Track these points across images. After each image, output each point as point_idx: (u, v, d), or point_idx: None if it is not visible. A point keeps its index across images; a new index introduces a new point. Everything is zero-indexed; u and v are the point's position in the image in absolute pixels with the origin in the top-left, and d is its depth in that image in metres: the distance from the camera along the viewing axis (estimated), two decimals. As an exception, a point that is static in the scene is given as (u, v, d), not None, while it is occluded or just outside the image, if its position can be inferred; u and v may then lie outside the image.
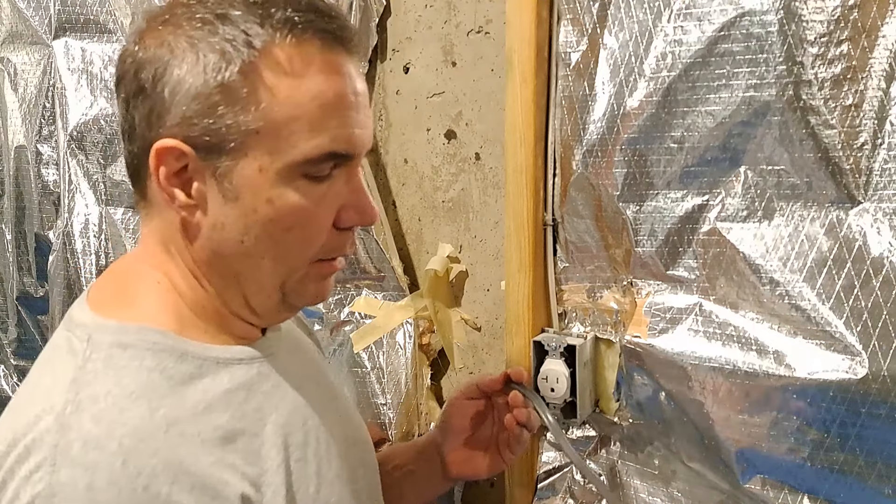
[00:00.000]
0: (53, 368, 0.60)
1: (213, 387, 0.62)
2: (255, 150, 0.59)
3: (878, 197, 0.84)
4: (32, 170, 1.66)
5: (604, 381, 1.08)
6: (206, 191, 0.61)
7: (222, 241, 0.62)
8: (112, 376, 0.58)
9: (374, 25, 1.25)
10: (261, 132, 0.59)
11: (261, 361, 0.67)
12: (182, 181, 0.61)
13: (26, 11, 1.59)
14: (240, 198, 0.60)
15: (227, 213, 0.61)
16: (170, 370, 0.60)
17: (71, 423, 0.54)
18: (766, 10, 0.87)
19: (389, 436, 1.27)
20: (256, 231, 0.61)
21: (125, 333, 0.60)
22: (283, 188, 0.60)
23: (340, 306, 1.33)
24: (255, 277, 0.64)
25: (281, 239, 0.62)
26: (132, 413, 0.56)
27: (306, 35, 0.59)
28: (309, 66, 0.59)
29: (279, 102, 0.59)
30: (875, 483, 0.85)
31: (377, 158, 1.31)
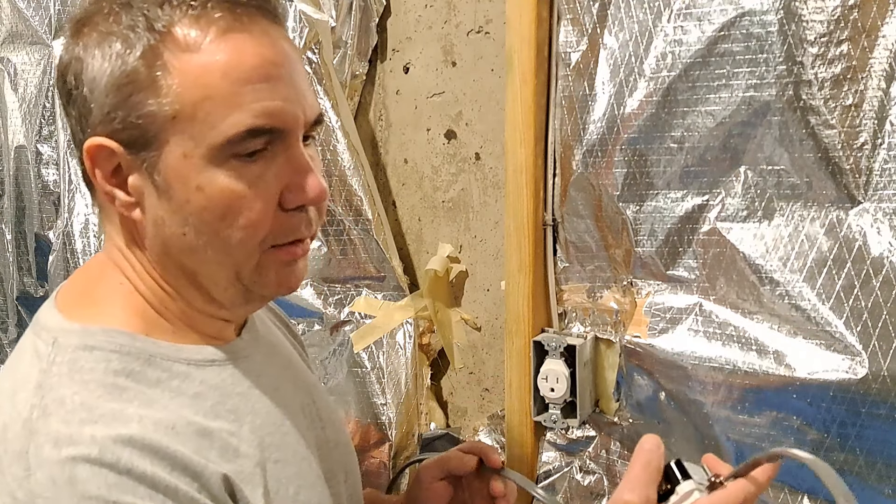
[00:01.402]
0: (16, 373, 0.58)
1: (184, 389, 0.60)
2: (175, 137, 0.57)
3: (878, 197, 0.84)
4: (32, 170, 1.66)
5: (604, 381, 1.08)
6: (141, 186, 0.59)
7: (166, 238, 0.60)
8: (77, 380, 0.56)
9: (374, 25, 1.25)
10: (177, 117, 0.56)
11: (234, 363, 0.65)
12: (119, 180, 0.59)
13: (26, 11, 1.59)
14: (171, 189, 0.58)
15: (163, 208, 0.59)
16: (137, 374, 0.58)
17: (38, 427, 0.53)
18: (766, 10, 0.87)
19: (390, 436, 1.27)
20: (194, 222, 0.58)
21: (90, 336, 0.58)
22: (211, 173, 0.57)
23: (340, 306, 1.33)
24: (206, 272, 0.61)
25: (218, 227, 0.58)
26: (102, 410, 0.54)
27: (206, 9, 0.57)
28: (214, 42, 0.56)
29: (188, 83, 0.56)
30: (875, 483, 0.85)
31: (377, 158, 1.31)
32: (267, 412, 0.65)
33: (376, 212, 1.26)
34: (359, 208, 1.25)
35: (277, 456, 0.63)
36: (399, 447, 1.28)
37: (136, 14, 0.56)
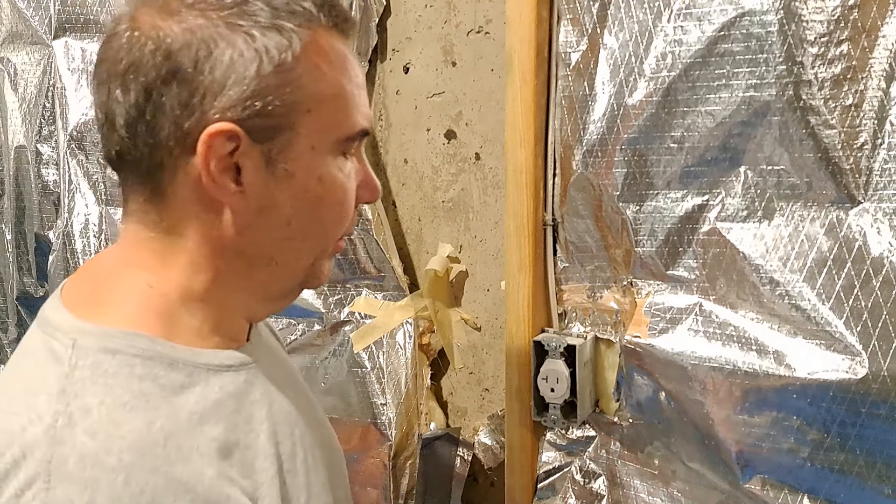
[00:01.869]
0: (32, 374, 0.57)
1: (205, 396, 0.59)
2: (307, 128, 0.60)
3: (878, 197, 0.84)
4: (32, 170, 1.66)
5: (604, 381, 1.08)
6: (254, 175, 0.59)
7: (269, 226, 0.61)
8: (102, 385, 0.55)
9: (374, 25, 1.25)
10: (312, 110, 0.60)
11: (247, 368, 0.64)
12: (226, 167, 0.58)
13: (26, 11, 1.59)
14: (293, 178, 0.60)
15: (276, 196, 0.60)
16: (161, 379, 0.57)
17: (63, 436, 0.51)
18: (766, 10, 0.87)
19: (389, 436, 1.27)
20: (305, 210, 0.62)
21: (110, 338, 0.57)
22: (329, 166, 0.62)
23: (340, 306, 1.33)
24: (290, 260, 0.64)
25: (325, 216, 0.64)
26: (129, 426, 0.53)
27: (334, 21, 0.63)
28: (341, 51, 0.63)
29: (327, 83, 0.61)
30: (875, 483, 0.85)
31: (377, 158, 1.31)
32: (278, 420, 0.64)
33: (376, 212, 1.26)
34: (359, 208, 1.25)
35: (289, 465, 0.63)
36: (399, 447, 1.28)
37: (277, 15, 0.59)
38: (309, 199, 0.62)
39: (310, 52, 0.60)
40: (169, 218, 0.61)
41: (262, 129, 0.58)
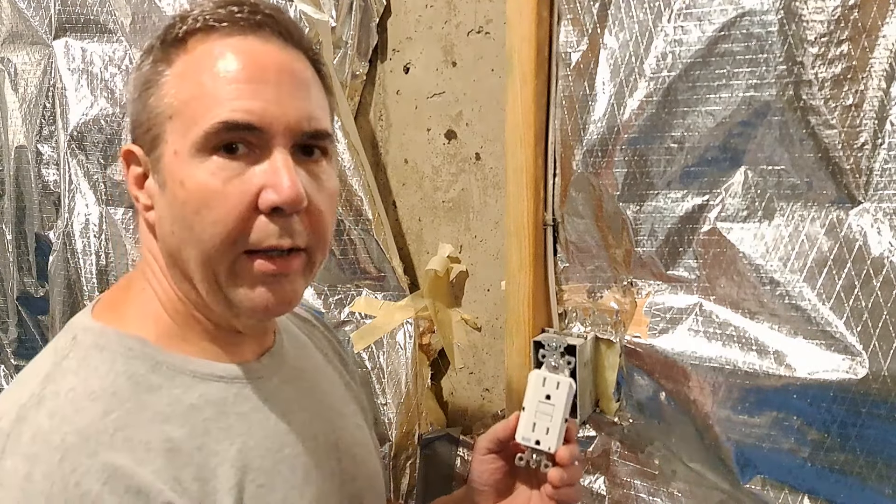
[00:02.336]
0: (37, 362, 0.62)
1: (179, 400, 0.61)
2: (171, 135, 0.61)
3: (879, 197, 0.84)
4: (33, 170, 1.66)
5: (604, 381, 1.08)
6: (153, 188, 0.63)
7: (164, 236, 0.63)
8: (81, 375, 0.59)
9: (375, 25, 1.25)
10: (174, 116, 0.61)
11: (244, 383, 0.65)
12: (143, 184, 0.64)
13: (26, 11, 1.59)
14: (165, 186, 0.61)
15: (162, 206, 0.62)
16: (138, 377, 0.60)
17: (28, 415, 0.56)
18: (767, 10, 0.87)
19: (389, 436, 1.27)
20: (178, 218, 0.60)
21: (105, 336, 0.62)
22: (193, 168, 0.59)
23: (340, 306, 1.33)
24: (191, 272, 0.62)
25: (193, 221, 0.59)
26: (85, 413, 0.57)
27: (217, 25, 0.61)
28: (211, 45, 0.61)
29: (186, 86, 0.60)
30: (875, 483, 0.85)
31: (377, 158, 1.31)
32: (264, 436, 0.65)
33: (376, 212, 1.26)
34: (359, 208, 1.25)
35: (262, 480, 0.63)
36: (399, 447, 1.28)
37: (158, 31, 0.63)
38: (177, 205, 0.60)
39: (174, 59, 0.62)
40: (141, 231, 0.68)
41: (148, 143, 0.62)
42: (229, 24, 0.61)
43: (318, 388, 0.75)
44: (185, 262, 0.61)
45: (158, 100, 0.61)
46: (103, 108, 1.50)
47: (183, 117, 0.60)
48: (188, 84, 0.60)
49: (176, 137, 0.60)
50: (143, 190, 0.64)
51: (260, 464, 0.63)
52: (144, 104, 0.62)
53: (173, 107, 0.60)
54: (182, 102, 0.60)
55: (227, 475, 0.61)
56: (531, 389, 0.79)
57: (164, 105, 0.61)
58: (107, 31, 1.50)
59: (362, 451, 0.77)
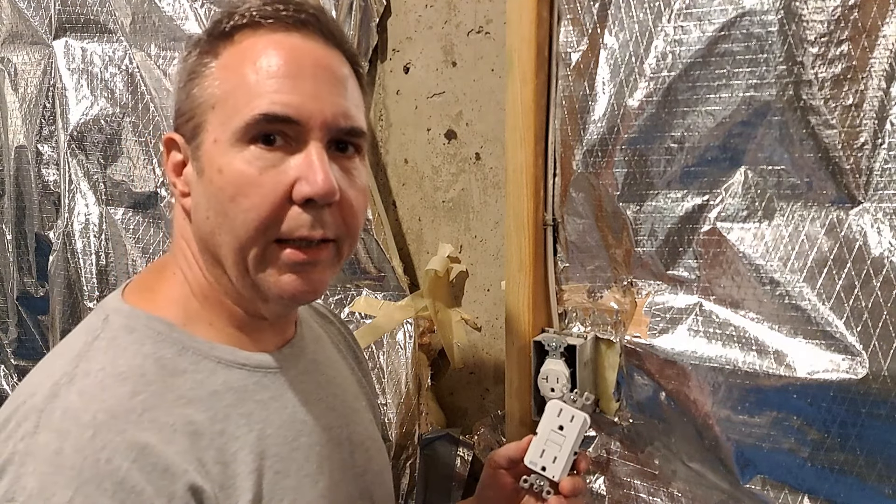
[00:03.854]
0: (69, 342, 0.64)
1: (203, 384, 0.63)
2: (211, 124, 0.63)
3: (879, 197, 0.84)
4: (33, 170, 1.66)
5: (604, 381, 1.08)
6: (191, 175, 0.65)
7: (199, 222, 0.65)
8: (111, 355, 0.61)
9: (375, 25, 1.25)
10: (216, 106, 0.63)
11: (264, 372, 0.68)
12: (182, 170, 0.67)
13: (26, 11, 1.59)
14: (203, 173, 0.64)
15: (199, 192, 0.65)
16: (165, 360, 0.62)
17: (60, 392, 0.58)
18: (767, 10, 0.87)
19: (389, 436, 1.27)
20: (213, 203, 0.63)
21: (135, 318, 0.64)
22: (231, 156, 0.62)
23: (340, 306, 1.33)
24: (222, 257, 0.64)
25: (228, 208, 0.62)
26: (113, 392, 0.59)
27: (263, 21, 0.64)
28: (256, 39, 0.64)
29: (228, 74, 0.63)
30: (875, 483, 0.85)
31: (377, 158, 1.31)
32: (281, 424, 0.67)
33: (376, 212, 1.26)
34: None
35: (279, 467, 0.65)
36: (399, 447, 1.28)
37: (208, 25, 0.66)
38: (213, 191, 0.63)
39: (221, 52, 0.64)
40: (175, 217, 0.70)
41: (189, 131, 0.65)
42: (274, 20, 0.64)
43: (333, 382, 0.77)
44: (217, 246, 0.64)
45: (202, 90, 0.64)
46: (103, 108, 1.50)
47: (225, 107, 0.62)
48: (232, 75, 0.63)
49: (216, 126, 0.63)
50: (181, 177, 0.66)
51: (277, 451, 0.66)
52: (188, 94, 0.65)
53: (216, 96, 0.63)
54: (225, 93, 0.63)
55: (247, 460, 0.63)
56: (546, 417, 0.81)
57: (207, 95, 0.63)
58: (107, 31, 1.50)
59: (373, 445, 0.79)
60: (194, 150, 0.65)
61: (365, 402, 0.83)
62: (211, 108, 0.63)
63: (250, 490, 0.62)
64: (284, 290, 0.64)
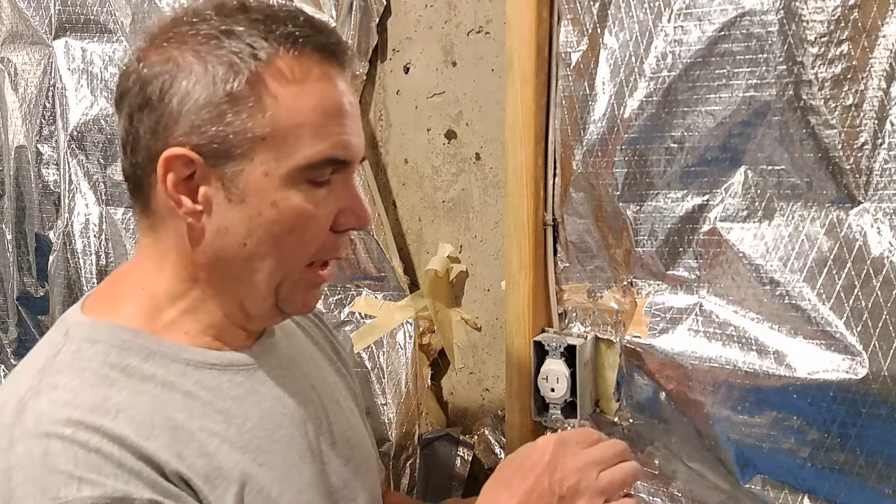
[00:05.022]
0: (30, 359, 0.64)
1: (176, 386, 0.63)
2: (261, 156, 0.62)
3: (879, 197, 0.84)
4: (33, 170, 1.66)
5: (604, 381, 1.08)
6: (211, 196, 0.63)
7: (225, 245, 0.64)
8: (76, 369, 0.61)
9: (374, 25, 1.25)
10: (267, 138, 0.62)
11: (235, 370, 0.68)
12: (189, 188, 0.63)
13: (26, 11, 1.59)
14: (245, 201, 0.63)
15: (231, 217, 0.64)
16: (132, 368, 0.62)
17: (27, 406, 0.58)
18: (767, 10, 0.87)
19: (389, 436, 1.27)
20: (260, 233, 0.64)
21: (97, 329, 0.64)
22: (286, 191, 0.63)
23: (340, 306, 1.33)
24: (252, 280, 0.66)
25: (282, 240, 0.64)
26: (85, 398, 0.59)
27: (306, 49, 0.63)
28: (309, 77, 0.63)
29: (284, 110, 0.62)
30: (875, 483, 0.85)
31: (377, 158, 1.31)
32: (260, 417, 0.67)
33: (376, 212, 1.26)
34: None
35: (263, 459, 0.66)
36: (399, 447, 1.28)
37: (240, 42, 0.62)
38: (262, 224, 0.63)
39: (267, 81, 0.62)
40: (155, 228, 0.67)
41: (217, 154, 0.62)
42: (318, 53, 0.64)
43: (309, 374, 0.77)
44: (251, 271, 0.65)
45: (250, 119, 0.61)
46: (103, 108, 1.50)
47: (281, 142, 0.62)
48: (290, 112, 0.62)
49: (268, 159, 0.62)
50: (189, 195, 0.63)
51: (259, 444, 0.66)
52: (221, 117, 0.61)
53: (268, 130, 0.62)
54: (281, 127, 0.62)
55: (229, 454, 0.63)
56: None
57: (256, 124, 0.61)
58: (107, 31, 1.50)
59: (355, 435, 0.79)
60: (227, 175, 0.62)
61: (346, 391, 0.83)
62: (261, 140, 0.62)
63: (236, 482, 0.63)
64: (308, 305, 0.70)
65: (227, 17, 0.63)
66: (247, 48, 0.62)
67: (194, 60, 0.62)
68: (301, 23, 0.64)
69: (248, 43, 0.62)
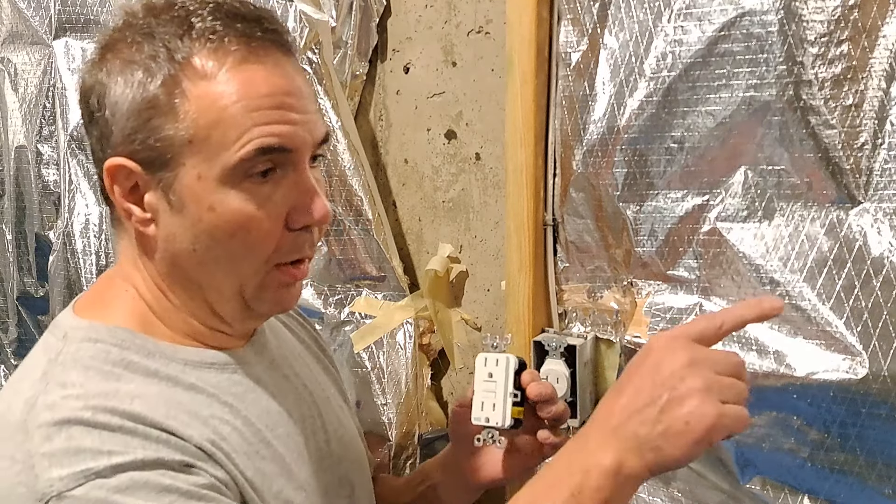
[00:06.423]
0: (28, 364, 0.64)
1: (181, 380, 0.63)
2: (191, 159, 0.61)
3: (879, 197, 0.84)
4: (33, 170, 1.66)
5: (604, 381, 1.08)
6: (156, 204, 0.63)
7: (176, 252, 0.64)
8: (81, 367, 0.60)
9: (374, 25, 1.25)
10: (193, 140, 0.60)
11: (233, 369, 0.68)
12: (136, 197, 0.63)
13: (26, 11, 1.59)
14: (185, 207, 0.62)
15: (176, 224, 0.62)
16: (135, 364, 0.62)
17: (37, 401, 0.57)
18: (766, 10, 0.87)
19: (389, 436, 1.27)
20: (204, 239, 0.62)
21: (95, 331, 0.63)
22: (224, 194, 0.61)
23: (340, 306, 1.33)
24: (212, 285, 0.65)
25: (228, 245, 0.62)
26: (97, 389, 0.59)
27: (225, 41, 0.61)
28: (229, 71, 0.60)
29: (204, 109, 0.60)
30: (875, 483, 0.85)
31: (377, 158, 1.31)
32: (259, 414, 0.67)
33: (376, 212, 1.26)
34: (359, 208, 1.25)
35: (265, 453, 0.66)
36: (399, 447, 1.28)
37: (157, 45, 0.60)
38: (204, 230, 0.62)
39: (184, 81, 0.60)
40: (122, 236, 0.68)
41: (151, 162, 0.61)
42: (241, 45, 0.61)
43: (301, 373, 0.78)
44: (206, 275, 0.64)
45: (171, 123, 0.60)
46: (103, 108, 1.50)
47: (207, 142, 0.60)
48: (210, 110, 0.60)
49: (198, 162, 0.60)
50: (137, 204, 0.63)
51: (261, 437, 0.66)
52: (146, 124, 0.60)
53: (192, 132, 0.60)
54: (204, 128, 0.60)
55: (238, 441, 0.64)
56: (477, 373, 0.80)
57: (179, 128, 0.60)
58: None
59: (347, 433, 0.79)
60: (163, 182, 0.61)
61: (334, 389, 0.83)
62: (187, 143, 0.60)
63: (248, 468, 0.63)
64: (282, 304, 0.68)
65: (153, 18, 0.61)
66: (163, 50, 0.60)
67: (120, 68, 0.61)
68: (222, 14, 0.61)
69: (164, 44, 0.60)
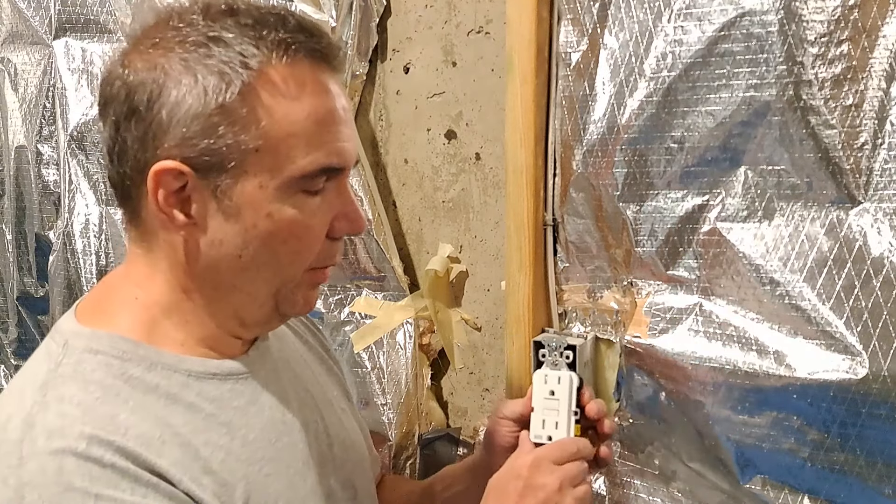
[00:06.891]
0: (28, 370, 0.63)
1: (181, 397, 0.63)
2: (254, 168, 0.61)
3: (879, 197, 0.84)
4: (33, 170, 1.66)
5: (604, 381, 1.08)
6: (204, 209, 0.62)
7: (220, 257, 0.64)
8: (80, 381, 0.60)
9: (374, 25, 1.25)
10: (260, 150, 0.61)
11: (235, 379, 0.68)
12: (179, 201, 0.62)
13: (26, 11, 1.59)
14: (240, 213, 0.62)
15: (226, 230, 0.63)
16: (135, 379, 0.62)
17: (36, 420, 0.57)
18: (767, 10, 0.87)
19: (389, 436, 1.27)
20: (255, 245, 0.63)
21: (97, 340, 0.63)
22: (281, 203, 0.62)
23: (340, 306, 1.33)
24: (250, 289, 0.66)
25: (279, 251, 0.64)
26: (94, 413, 0.58)
27: (298, 55, 0.62)
28: (302, 86, 0.62)
29: (277, 121, 0.61)
30: (875, 483, 0.85)
31: (377, 158, 1.31)
32: (262, 427, 0.67)
33: (376, 212, 1.26)
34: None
35: (268, 469, 0.66)
36: (399, 447, 1.28)
37: (230, 51, 0.60)
38: (258, 235, 0.63)
39: (259, 91, 0.60)
40: (146, 238, 0.66)
41: (209, 167, 0.61)
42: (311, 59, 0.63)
43: (303, 376, 0.78)
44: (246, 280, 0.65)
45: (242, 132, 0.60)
46: (103, 108, 1.50)
47: (274, 154, 0.61)
48: (281, 121, 0.61)
49: (261, 171, 0.61)
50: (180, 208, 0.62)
51: (263, 454, 0.66)
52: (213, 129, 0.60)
53: (260, 142, 0.60)
54: (274, 139, 0.61)
55: (234, 468, 0.63)
56: (536, 390, 0.82)
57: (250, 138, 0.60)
58: (107, 31, 1.50)
59: (350, 435, 0.80)
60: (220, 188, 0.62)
61: (338, 390, 0.83)
62: (254, 152, 0.61)
63: (241, 497, 0.63)
64: (310, 304, 0.70)
65: (215, 22, 0.61)
66: (237, 57, 0.60)
67: (183, 69, 0.60)
68: (292, 27, 0.62)
69: (238, 51, 0.60)
